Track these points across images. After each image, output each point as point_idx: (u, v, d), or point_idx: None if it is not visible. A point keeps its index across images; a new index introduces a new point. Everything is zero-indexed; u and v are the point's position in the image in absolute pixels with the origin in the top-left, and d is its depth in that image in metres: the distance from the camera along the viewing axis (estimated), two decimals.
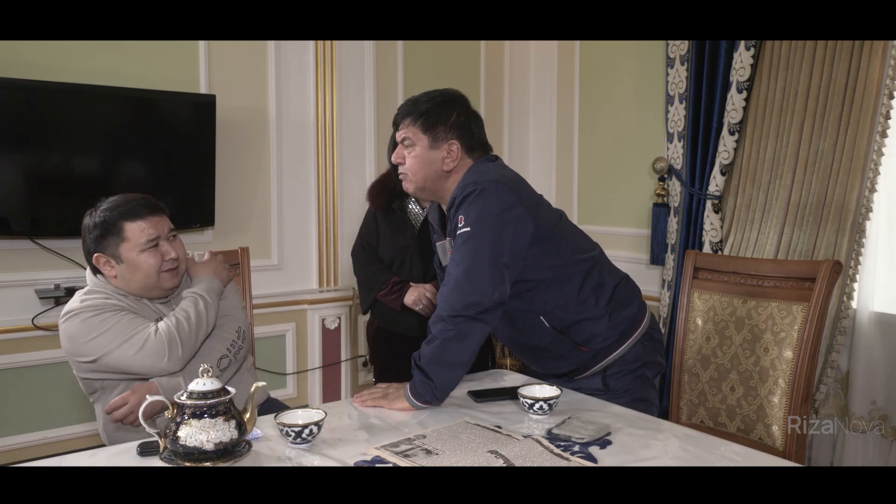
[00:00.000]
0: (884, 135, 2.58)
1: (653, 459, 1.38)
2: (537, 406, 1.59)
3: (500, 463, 1.31)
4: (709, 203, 3.06)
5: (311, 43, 3.42)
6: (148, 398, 1.39)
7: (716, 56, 3.01)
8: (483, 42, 3.92)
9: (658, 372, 1.89)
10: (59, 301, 2.81)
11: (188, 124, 3.09)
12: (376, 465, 1.33)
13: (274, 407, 1.97)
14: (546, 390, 1.63)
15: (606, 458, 1.37)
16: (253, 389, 1.40)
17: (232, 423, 1.34)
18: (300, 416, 1.47)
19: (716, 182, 3.03)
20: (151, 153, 3.01)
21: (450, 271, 1.69)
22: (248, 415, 1.39)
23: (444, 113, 1.76)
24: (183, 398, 1.33)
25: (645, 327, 1.85)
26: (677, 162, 3.22)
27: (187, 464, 1.31)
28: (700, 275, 2.07)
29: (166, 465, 1.32)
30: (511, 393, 1.71)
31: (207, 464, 1.31)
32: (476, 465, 1.30)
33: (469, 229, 1.66)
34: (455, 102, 1.80)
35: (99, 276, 1.80)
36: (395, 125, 1.82)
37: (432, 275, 2.42)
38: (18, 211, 2.76)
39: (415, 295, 2.42)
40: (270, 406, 1.99)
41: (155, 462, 1.35)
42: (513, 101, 4.06)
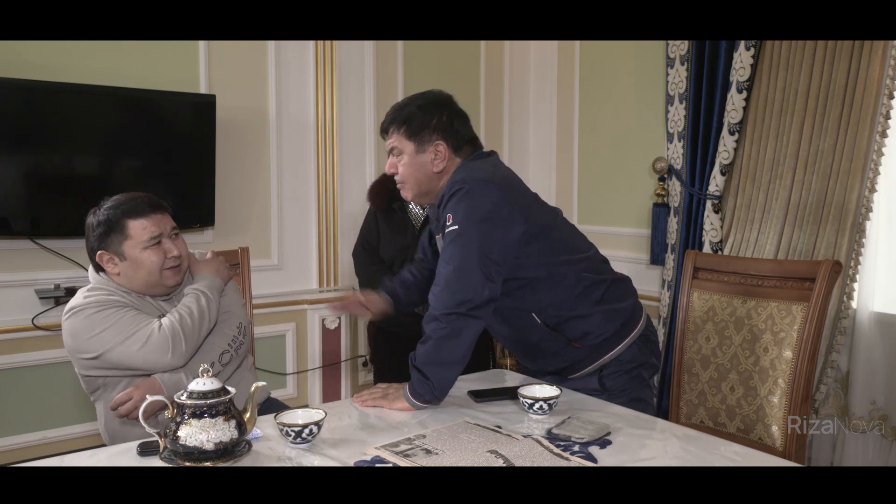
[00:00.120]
0: (884, 135, 2.58)
1: (652, 459, 1.39)
2: (537, 406, 1.59)
3: (500, 463, 1.31)
4: (709, 203, 3.06)
5: (311, 43, 3.42)
6: (148, 398, 1.39)
7: (716, 56, 3.01)
8: (483, 42, 3.92)
9: (653, 373, 1.90)
10: (59, 301, 2.81)
11: (188, 124, 3.09)
12: (376, 465, 1.34)
13: (274, 407, 1.97)
14: (546, 390, 1.63)
15: (606, 458, 1.37)
16: (253, 389, 1.40)
17: (232, 423, 1.34)
18: (300, 416, 1.47)
19: (716, 182, 3.03)
20: (151, 153, 3.01)
21: (440, 270, 1.69)
22: (248, 415, 1.39)
23: (426, 116, 1.76)
24: (183, 398, 1.33)
25: (641, 328, 1.85)
26: (677, 162, 3.22)
27: (187, 464, 1.31)
28: (700, 275, 2.07)
29: (166, 465, 1.32)
30: (511, 393, 1.71)
31: (207, 464, 1.31)
32: (476, 465, 1.30)
33: (457, 227, 1.66)
34: (437, 103, 1.80)
35: (102, 274, 1.80)
36: (383, 134, 1.83)
37: None
38: (18, 211, 2.76)
39: None
40: (270, 406, 1.99)
41: (155, 462, 1.35)
42: (513, 101, 4.05)
